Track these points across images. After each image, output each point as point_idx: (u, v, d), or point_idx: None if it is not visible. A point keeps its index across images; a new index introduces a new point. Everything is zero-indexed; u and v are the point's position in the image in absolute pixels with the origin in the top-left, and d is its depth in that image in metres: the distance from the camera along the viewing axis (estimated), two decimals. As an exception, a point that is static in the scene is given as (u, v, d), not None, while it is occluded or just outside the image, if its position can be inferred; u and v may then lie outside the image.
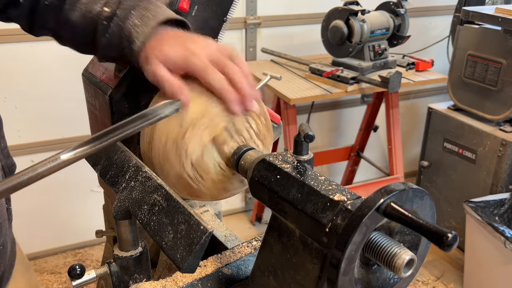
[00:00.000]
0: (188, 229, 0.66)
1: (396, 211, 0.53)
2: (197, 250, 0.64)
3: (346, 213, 0.59)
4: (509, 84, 2.33)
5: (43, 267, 2.61)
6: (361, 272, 0.61)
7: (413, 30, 2.66)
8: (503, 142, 2.34)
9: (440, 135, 2.71)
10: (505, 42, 2.33)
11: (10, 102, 2.36)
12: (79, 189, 2.60)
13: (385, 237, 0.58)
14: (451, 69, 2.65)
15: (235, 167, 0.86)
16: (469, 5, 2.77)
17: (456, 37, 2.59)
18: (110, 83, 0.99)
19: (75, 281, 0.83)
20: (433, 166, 2.80)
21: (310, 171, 0.71)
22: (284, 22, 2.81)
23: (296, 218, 0.65)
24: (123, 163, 0.85)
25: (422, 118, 2.96)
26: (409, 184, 0.57)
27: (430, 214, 0.61)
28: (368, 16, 2.40)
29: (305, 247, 0.65)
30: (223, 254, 0.90)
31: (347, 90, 2.31)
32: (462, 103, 2.61)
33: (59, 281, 2.52)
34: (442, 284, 2.56)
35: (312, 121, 3.05)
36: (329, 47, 2.49)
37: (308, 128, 0.75)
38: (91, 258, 2.70)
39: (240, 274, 0.86)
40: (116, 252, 0.86)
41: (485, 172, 2.46)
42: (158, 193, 0.75)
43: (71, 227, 2.69)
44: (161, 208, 0.72)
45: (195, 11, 1.19)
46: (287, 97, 2.22)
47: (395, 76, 2.18)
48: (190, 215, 0.67)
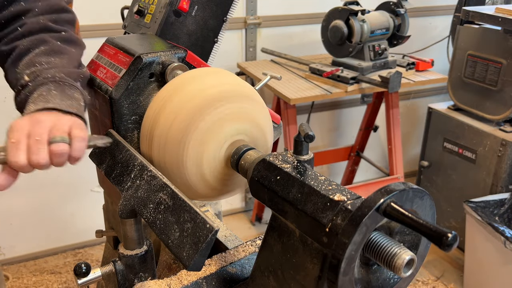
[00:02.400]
0: (194, 228, 0.67)
1: (396, 211, 0.53)
2: (203, 248, 0.65)
3: (346, 213, 0.59)
4: (509, 84, 2.33)
5: (43, 267, 2.61)
6: (361, 272, 0.61)
7: (413, 30, 2.66)
8: (503, 142, 2.34)
9: (440, 135, 2.71)
10: (505, 42, 2.33)
11: (10, 102, 2.35)
12: (79, 189, 2.60)
13: (385, 237, 0.58)
14: (451, 69, 2.65)
15: (235, 167, 0.86)
16: (469, 5, 2.77)
17: (456, 37, 2.59)
18: (110, 83, 0.99)
19: (80, 279, 0.83)
20: (433, 166, 2.80)
21: (310, 171, 0.71)
22: (284, 22, 2.81)
23: (296, 218, 0.65)
24: (128, 162, 0.85)
25: (422, 118, 2.96)
26: (409, 184, 0.57)
27: (430, 214, 0.61)
28: (368, 16, 2.40)
29: (305, 247, 0.65)
30: (227, 253, 0.90)
31: (347, 90, 2.31)
32: (462, 103, 2.61)
33: (59, 281, 2.52)
34: (442, 284, 2.56)
35: (312, 121, 3.05)
36: (329, 47, 2.49)
37: (308, 128, 0.75)
38: (91, 258, 2.70)
39: (244, 272, 0.86)
40: (121, 251, 0.86)
41: (485, 172, 2.46)
42: (163, 191, 0.75)
43: (71, 227, 2.69)
44: (167, 207, 0.73)
45: (195, 11, 1.19)
46: (287, 97, 2.22)
47: (395, 76, 2.18)
48: (196, 214, 0.68)
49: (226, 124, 0.87)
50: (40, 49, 0.94)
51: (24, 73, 0.90)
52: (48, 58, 0.93)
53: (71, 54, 0.97)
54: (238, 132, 0.88)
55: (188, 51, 1.03)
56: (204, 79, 0.90)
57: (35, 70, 0.90)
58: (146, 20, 1.20)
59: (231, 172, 0.89)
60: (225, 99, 0.87)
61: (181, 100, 0.87)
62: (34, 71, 0.90)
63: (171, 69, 0.96)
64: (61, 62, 0.93)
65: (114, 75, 0.99)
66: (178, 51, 1.01)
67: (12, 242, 2.58)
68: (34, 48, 0.94)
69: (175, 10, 1.15)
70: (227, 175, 0.90)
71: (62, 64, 0.93)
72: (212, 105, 0.86)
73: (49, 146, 0.78)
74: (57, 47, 0.95)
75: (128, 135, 0.99)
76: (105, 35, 1.20)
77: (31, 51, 0.93)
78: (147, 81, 0.98)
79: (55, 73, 0.89)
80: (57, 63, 0.92)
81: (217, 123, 0.86)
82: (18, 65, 0.93)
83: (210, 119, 0.85)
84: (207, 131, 0.85)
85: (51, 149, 0.78)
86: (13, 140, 0.77)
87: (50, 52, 0.94)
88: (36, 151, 0.77)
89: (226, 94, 0.88)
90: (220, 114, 0.86)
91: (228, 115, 0.87)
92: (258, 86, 1.16)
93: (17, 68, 0.93)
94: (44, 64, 0.91)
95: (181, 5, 1.14)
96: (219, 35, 1.25)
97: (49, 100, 0.84)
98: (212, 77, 0.91)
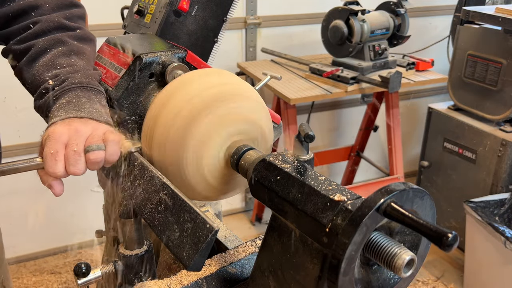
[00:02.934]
0: (194, 228, 0.67)
1: (396, 211, 0.53)
2: (203, 248, 0.64)
3: (346, 213, 0.59)
4: (509, 84, 2.33)
5: (43, 267, 2.61)
6: (361, 272, 0.61)
7: (413, 30, 2.66)
8: (503, 142, 2.34)
9: (440, 135, 2.71)
10: (505, 42, 2.33)
11: (10, 102, 2.36)
12: (79, 189, 2.60)
13: (385, 237, 0.58)
14: (451, 69, 2.65)
15: (235, 167, 0.86)
16: (469, 5, 2.77)
17: (456, 37, 2.59)
18: (110, 83, 0.99)
19: (80, 279, 0.83)
20: (433, 166, 2.80)
21: (310, 171, 0.71)
22: (284, 22, 2.81)
23: (296, 218, 0.65)
24: (128, 162, 0.85)
25: (422, 118, 2.96)
26: (409, 184, 0.57)
27: (430, 214, 0.61)
28: (368, 16, 2.40)
29: (305, 247, 0.64)
30: (227, 253, 0.90)
31: (347, 90, 2.31)
32: (462, 103, 2.60)
33: (59, 281, 2.52)
34: (442, 284, 2.56)
35: (312, 121, 3.04)
36: (329, 47, 2.49)
37: (308, 128, 0.75)
38: (91, 258, 2.70)
39: (244, 272, 0.86)
40: (121, 251, 0.86)
41: (485, 172, 2.46)
42: (163, 191, 0.75)
43: (71, 227, 2.69)
44: (167, 207, 0.73)
45: (195, 11, 1.19)
46: (287, 97, 2.22)
47: (395, 76, 2.18)
48: (196, 214, 0.68)
49: (226, 124, 0.87)
50: (58, 50, 0.93)
51: (45, 75, 0.90)
52: (68, 59, 0.93)
53: (88, 53, 0.98)
54: (238, 132, 0.88)
55: (188, 51, 1.03)
56: (204, 80, 0.90)
57: (58, 73, 0.90)
58: (146, 20, 1.20)
59: (231, 172, 0.89)
60: (225, 100, 0.87)
61: (181, 101, 0.87)
62: (57, 74, 0.89)
63: (171, 69, 0.96)
64: (81, 63, 0.94)
65: (114, 75, 0.99)
66: (178, 51, 1.01)
67: (12, 242, 2.58)
68: (51, 48, 0.93)
69: (175, 10, 1.15)
70: (227, 175, 0.90)
71: (83, 65, 0.93)
72: (212, 106, 0.86)
73: (86, 154, 0.79)
74: (75, 47, 0.96)
75: (128, 135, 0.99)
76: (105, 35, 1.20)
77: (48, 51, 0.93)
78: (147, 81, 0.98)
79: (81, 78, 0.89)
80: (78, 65, 0.92)
81: (217, 124, 0.86)
82: (35, 66, 0.92)
83: (210, 119, 0.85)
84: (207, 131, 0.85)
85: (88, 157, 0.79)
86: (52, 151, 0.78)
87: (69, 52, 0.94)
88: (74, 162, 0.78)
89: (226, 94, 0.88)
90: (220, 114, 0.86)
91: (228, 116, 0.87)
92: (258, 86, 1.16)
93: (32, 68, 0.92)
94: (66, 66, 0.91)
95: (181, 5, 1.14)
96: (219, 35, 1.25)
97: (80, 108, 0.85)
98: (212, 77, 0.91)
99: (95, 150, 0.79)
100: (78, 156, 0.79)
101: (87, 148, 0.79)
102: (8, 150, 2.31)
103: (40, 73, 0.91)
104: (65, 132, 0.80)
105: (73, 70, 0.91)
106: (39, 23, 0.96)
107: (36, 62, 0.93)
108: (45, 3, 0.98)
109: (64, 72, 0.90)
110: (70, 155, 0.78)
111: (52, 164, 0.78)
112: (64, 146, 0.79)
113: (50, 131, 0.81)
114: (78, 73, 0.90)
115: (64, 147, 0.79)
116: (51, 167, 0.78)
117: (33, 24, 0.96)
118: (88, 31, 1.03)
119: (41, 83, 0.90)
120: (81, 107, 0.85)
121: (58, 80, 0.89)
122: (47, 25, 0.95)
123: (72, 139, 0.79)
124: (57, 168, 0.78)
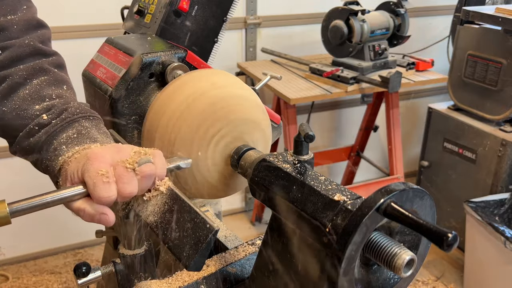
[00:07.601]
0: (194, 228, 0.67)
1: (396, 211, 0.53)
2: (203, 248, 0.64)
3: (346, 213, 0.59)
4: (509, 84, 2.33)
5: (43, 267, 2.61)
6: (361, 272, 0.61)
7: (413, 30, 2.66)
8: (503, 142, 2.34)
9: (440, 135, 2.71)
10: (505, 42, 2.32)
11: (10, 102, 2.35)
12: (79, 189, 2.60)
13: (385, 237, 0.58)
14: (451, 69, 2.65)
15: (235, 167, 0.86)
16: (469, 5, 2.77)
17: (456, 37, 2.59)
18: (110, 83, 0.99)
19: (80, 279, 0.83)
20: (433, 166, 2.80)
21: (310, 171, 0.71)
22: (284, 22, 2.81)
23: (296, 218, 0.65)
24: None
25: (422, 118, 2.96)
26: (409, 184, 0.57)
27: (430, 214, 0.61)
28: (368, 16, 2.40)
29: (305, 247, 0.65)
30: (227, 253, 0.90)
31: (347, 90, 2.31)
32: (462, 103, 2.60)
33: (59, 281, 2.52)
34: (442, 284, 2.56)
35: (312, 121, 3.04)
36: (329, 47, 2.49)
37: (308, 128, 0.75)
38: (91, 258, 2.70)
39: (244, 272, 0.86)
40: (121, 251, 0.86)
41: (485, 172, 2.46)
42: None
43: (71, 227, 2.69)
44: (167, 207, 0.73)
45: (195, 11, 1.19)
46: (287, 97, 2.22)
47: (395, 76, 2.18)
48: (196, 214, 0.68)
49: (226, 124, 0.87)
50: (41, 79, 0.83)
51: (32, 110, 0.79)
52: (56, 90, 0.82)
53: (69, 81, 0.88)
54: (238, 132, 0.89)
55: (188, 51, 1.03)
56: (204, 81, 0.90)
57: (50, 105, 0.79)
58: (146, 20, 1.20)
59: (231, 172, 0.89)
60: (225, 100, 0.87)
61: (182, 101, 0.87)
62: (49, 107, 0.79)
63: (171, 69, 0.97)
64: (69, 93, 0.84)
65: (114, 75, 0.99)
66: (178, 51, 1.01)
67: (12, 242, 2.58)
68: (31, 78, 0.82)
69: (175, 10, 1.15)
70: (227, 175, 0.90)
71: (72, 95, 0.84)
72: (213, 106, 0.86)
73: (139, 168, 0.70)
74: (58, 76, 0.86)
75: (128, 135, 0.99)
76: (105, 35, 1.20)
77: (28, 82, 0.82)
78: (147, 81, 0.98)
79: (79, 108, 0.81)
80: (68, 95, 0.83)
81: (217, 124, 0.86)
82: (13, 99, 0.80)
83: (211, 120, 0.85)
84: (208, 131, 0.85)
85: (141, 171, 0.69)
86: (101, 172, 0.67)
87: (54, 82, 0.84)
88: (128, 180, 0.68)
89: (225, 96, 0.88)
90: (220, 115, 0.86)
91: (228, 116, 0.87)
92: (258, 86, 1.16)
93: (10, 103, 0.80)
94: (56, 97, 0.81)
95: (181, 5, 1.14)
96: (219, 35, 1.25)
97: (95, 138, 0.77)
98: (212, 78, 0.91)
99: (148, 162, 0.70)
100: (131, 173, 0.69)
101: (139, 161, 0.70)
102: (7, 150, 2.31)
103: (24, 107, 0.79)
104: (106, 152, 0.71)
105: (65, 101, 0.81)
106: (10, 48, 0.83)
107: (14, 96, 0.80)
108: (12, 25, 0.84)
109: (58, 104, 0.80)
110: (122, 173, 0.68)
111: (105, 187, 0.67)
112: (111, 166, 0.69)
113: (90, 153, 0.70)
114: (72, 103, 0.82)
115: (111, 167, 0.69)
116: (104, 191, 0.67)
117: (2, 49, 0.83)
118: (62, 58, 0.92)
119: (29, 119, 0.78)
120: (93, 136, 0.77)
121: (54, 113, 0.78)
122: (21, 50, 0.83)
123: (117, 157, 0.70)
124: (111, 191, 0.67)
